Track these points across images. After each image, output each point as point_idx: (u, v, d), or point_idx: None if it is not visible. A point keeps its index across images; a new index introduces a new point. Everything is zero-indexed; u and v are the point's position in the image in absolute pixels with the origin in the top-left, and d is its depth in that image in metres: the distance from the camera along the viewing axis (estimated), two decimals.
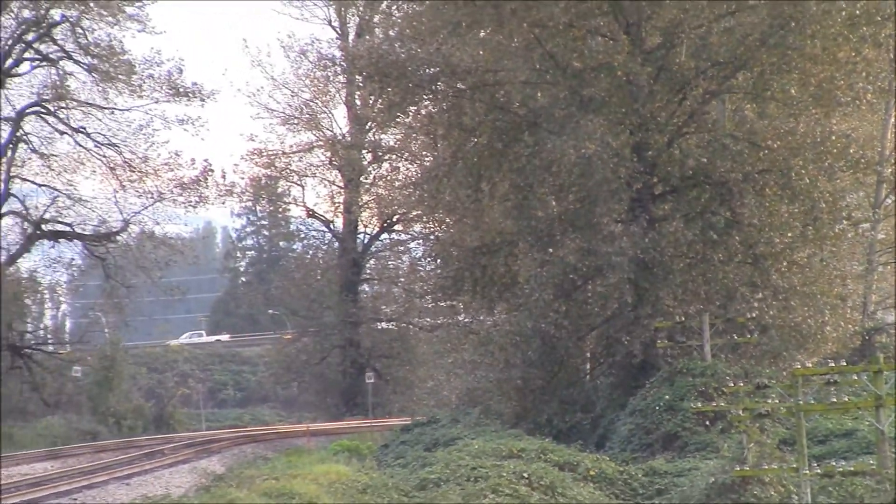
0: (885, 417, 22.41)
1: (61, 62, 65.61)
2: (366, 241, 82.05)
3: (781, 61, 37.79)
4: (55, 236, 67.46)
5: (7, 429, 65.69)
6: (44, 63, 65.93)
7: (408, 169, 71.35)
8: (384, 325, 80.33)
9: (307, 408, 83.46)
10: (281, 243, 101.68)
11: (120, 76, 64.73)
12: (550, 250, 39.25)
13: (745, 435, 26.60)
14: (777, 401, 25.32)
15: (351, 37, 76.92)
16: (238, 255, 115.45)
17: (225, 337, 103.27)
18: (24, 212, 66.66)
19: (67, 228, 67.20)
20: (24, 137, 66.32)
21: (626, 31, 39.28)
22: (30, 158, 66.60)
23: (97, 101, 65.95)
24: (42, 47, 65.81)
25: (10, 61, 65.33)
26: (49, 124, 66.45)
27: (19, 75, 66.06)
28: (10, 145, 65.79)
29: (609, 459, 32.92)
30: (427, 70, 40.34)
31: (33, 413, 69.92)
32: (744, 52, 38.12)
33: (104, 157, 66.73)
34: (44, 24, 65.05)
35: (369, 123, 75.83)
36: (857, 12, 36.94)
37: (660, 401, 35.33)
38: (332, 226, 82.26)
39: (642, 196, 39.35)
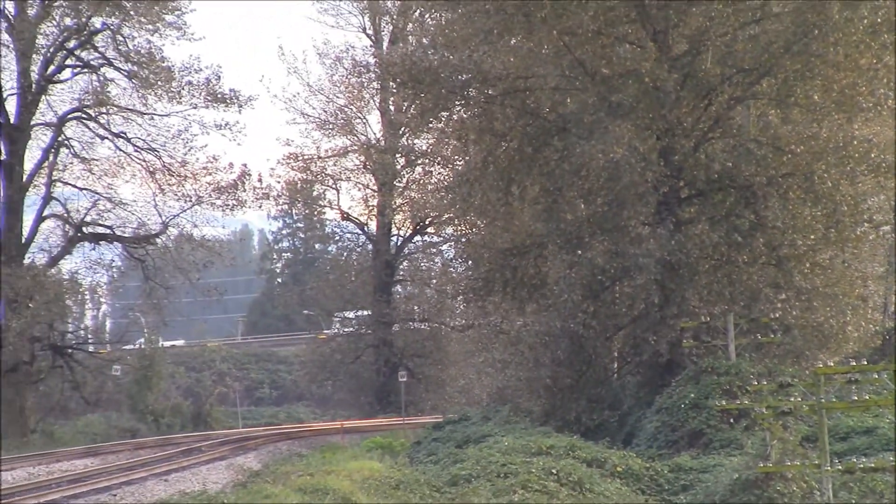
0: None
1: (102, 69, 65.52)
2: (399, 243, 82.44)
3: (805, 68, 37.95)
4: (96, 238, 67.67)
5: (48, 426, 66.88)
6: (85, 70, 65.92)
7: (440, 173, 71.42)
8: (416, 325, 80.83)
9: (341, 406, 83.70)
10: (316, 245, 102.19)
11: (159, 82, 64.89)
12: (579, 252, 39.57)
13: (768, 432, 26.90)
14: (800, 399, 25.61)
15: (385, 44, 77.25)
16: (274, 256, 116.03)
17: (179, 342, 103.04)
18: (65, 215, 66.70)
19: (108, 231, 67.22)
20: (66, 142, 66.34)
21: (653, 39, 39.60)
22: (71, 163, 66.58)
23: (137, 107, 65.93)
24: (83, 54, 65.83)
25: (52, 68, 65.58)
26: (90, 129, 66.33)
27: (61, 82, 66.00)
28: (52, 150, 66.07)
29: (636, 456, 33.27)
30: (459, 76, 40.63)
31: (74, 411, 70.75)
32: (768, 59, 38.32)
33: (144, 161, 66.78)
34: (85, 32, 65.24)
35: (402, 128, 76.05)
36: (879, 20, 37.10)
37: (685, 399, 35.61)
38: (366, 228, 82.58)
39: (669, 199, 39.65)
